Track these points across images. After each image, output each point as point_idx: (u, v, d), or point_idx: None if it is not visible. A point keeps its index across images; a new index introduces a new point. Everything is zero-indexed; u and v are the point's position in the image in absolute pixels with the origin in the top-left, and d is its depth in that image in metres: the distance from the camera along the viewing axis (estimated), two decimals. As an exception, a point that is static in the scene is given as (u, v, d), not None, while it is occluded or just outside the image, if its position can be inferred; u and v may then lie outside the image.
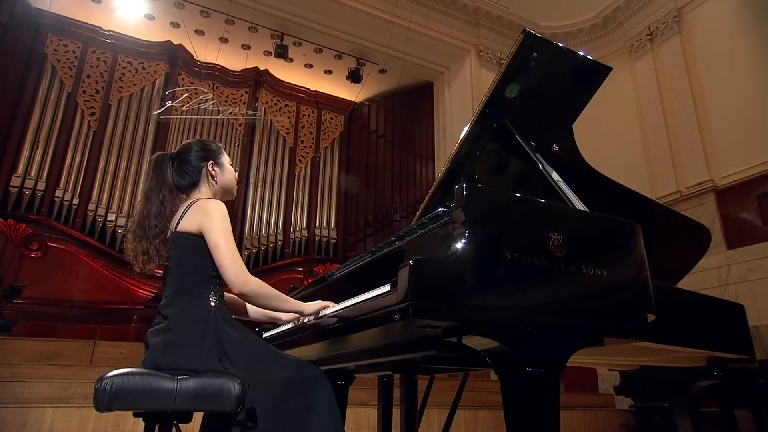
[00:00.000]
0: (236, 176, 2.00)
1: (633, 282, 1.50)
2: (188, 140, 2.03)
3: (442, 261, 1.26)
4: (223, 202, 1.84)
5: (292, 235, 8.71)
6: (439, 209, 1.44)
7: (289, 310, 1.85)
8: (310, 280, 8.54)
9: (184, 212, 1.78)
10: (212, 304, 1.70)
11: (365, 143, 9.81)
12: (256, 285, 1.71)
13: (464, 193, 1.32)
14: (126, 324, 7.00)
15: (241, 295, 1.71)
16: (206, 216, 1.71)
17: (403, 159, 9.59)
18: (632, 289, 1.49)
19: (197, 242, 1.72)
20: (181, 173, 1.88)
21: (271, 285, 1.82)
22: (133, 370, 1.43)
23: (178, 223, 1.76)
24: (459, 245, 1.28)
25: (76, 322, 6.76)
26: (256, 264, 8.18)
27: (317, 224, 8.96)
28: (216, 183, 1.91)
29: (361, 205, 9.42)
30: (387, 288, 1.35)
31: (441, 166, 8.70)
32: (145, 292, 7.35)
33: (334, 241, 9.02)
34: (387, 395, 2.35)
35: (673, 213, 2.81)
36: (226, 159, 1.97)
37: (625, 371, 4.75)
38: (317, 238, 8.88)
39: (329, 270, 9.20)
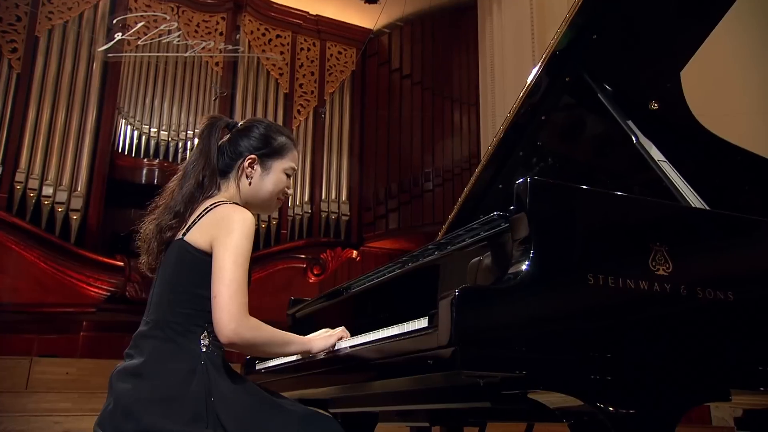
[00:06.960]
0: (285, 194, 1.97)
1: (772, 309, 1.46)
2: (261, 119, 2.06)
3: (498, 290, 1.25)
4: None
5: (290, 212, 8.77)
6: (494, 213, 1.43)
7: (295, 353, 1.88)
8: (315, 271, 8.66)
9: (199, 217, 1.75)
10: (203, 348, 1.68)
11: (385, 86, 9.74)
12: (250, 334, 1.66)
13: (528, 191, 1.30)
14: (73, 333, 7.16)
15: (229, 345, 1.68)
16: (224, 229, 1.69)
17: (436, 106, 9.48)
18: (772, 320, 1.46)
19: (204, 263, 1.69)
20: (224, 152, 1.90)
21: (265, 277, 1.83)
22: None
23: (188, 230, 1.74)
24: (522, 266, 1.27)
25: (5, 332, 6.88)
26: (243, 251, 8.24)
27: (323, 197, 9.00)
28: (249, 185, 1.89)
29: (381, 169, 9.41)
30: (423, 323, 1.35)
31: (488, 115, 8.59)
32: (97, 290, 7.47)
33: (346, 218, 9.06)
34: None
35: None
36: (281, 165, 1.92)
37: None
38: (323, 215, 8.94)
39: (340, 256, 9.08)
